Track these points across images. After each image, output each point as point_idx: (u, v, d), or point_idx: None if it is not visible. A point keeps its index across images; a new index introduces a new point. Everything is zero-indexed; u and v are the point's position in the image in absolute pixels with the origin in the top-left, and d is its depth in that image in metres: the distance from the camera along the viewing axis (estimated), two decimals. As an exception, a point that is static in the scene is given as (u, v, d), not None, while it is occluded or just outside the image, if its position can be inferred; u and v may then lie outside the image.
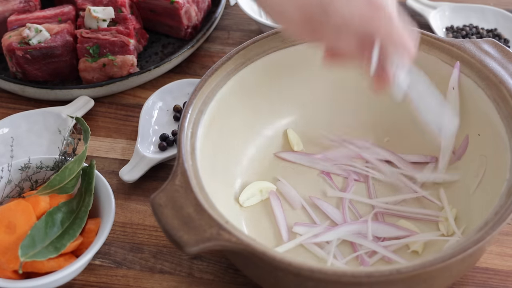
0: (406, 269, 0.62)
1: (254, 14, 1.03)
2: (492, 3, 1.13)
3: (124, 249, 0.80)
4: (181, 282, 0.77)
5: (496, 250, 0.79)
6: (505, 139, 0.74)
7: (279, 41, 0.84)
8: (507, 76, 0.77)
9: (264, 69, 0.84)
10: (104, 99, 0.99)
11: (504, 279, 0.76)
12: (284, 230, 0.78)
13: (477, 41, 0.81)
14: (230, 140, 0.83)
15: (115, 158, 0.91)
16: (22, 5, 1.01)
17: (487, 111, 0.78)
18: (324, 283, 0.64)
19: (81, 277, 0.77)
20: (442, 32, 1.07)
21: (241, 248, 0.64)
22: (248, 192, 0.81)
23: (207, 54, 1.06)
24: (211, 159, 0.77)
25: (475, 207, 0.76)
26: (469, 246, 0.63)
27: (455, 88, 0.80)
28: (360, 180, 0.84)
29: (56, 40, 0.96)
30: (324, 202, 0.81)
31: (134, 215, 0.84)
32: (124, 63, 0.96)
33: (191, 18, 1.04)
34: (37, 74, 0.97)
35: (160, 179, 0.87)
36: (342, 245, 0.77)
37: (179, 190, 0.68)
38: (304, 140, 0.88)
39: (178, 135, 0.74)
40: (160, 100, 0.95)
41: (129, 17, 0.99)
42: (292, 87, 0.87)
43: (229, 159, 0.82)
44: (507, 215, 0.66)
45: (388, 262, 0.74)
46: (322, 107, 0.89)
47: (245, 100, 0.84)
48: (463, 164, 0.81)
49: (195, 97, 0.77)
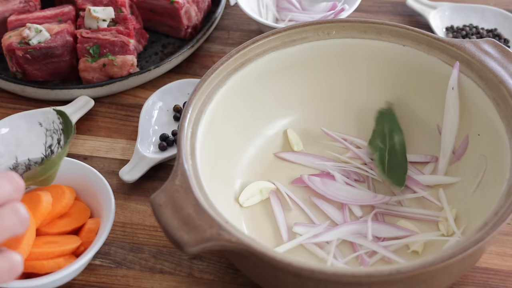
0: (406, 269, 0.62)
1: (254, 14, 1.03)
2: (492, 3, 1.13)
3: (124, 249, 0.80)
4: (181, 282, 0.77)
5: (496, 250, 0.79)
6: (505, 139, 0.74)
7: (279, 41, 0.84)
8: (507, 76, 0.77)
9: (264, 69, 0.84)
10: (104, 99, 0.99)
11: (504, 279, 0.76)
12: (284, 230, 0.78)
13: (477, 41, 0.81)
14: (230, 140, 0.83)
15: (115, 158, 0.91)
16: (22, 5, 1.01)
17: (487, 111, 0.78)
18: (324, 283, 0.64)
19: (81, 277, 0.77)
20: (442, 32, 1.07)
21: (241, 248, 0.64)
22: (248, 192, 0.81)
23: (207, 54, 1.06)
24: (211, 159, 0.77)
25: (475, 207, 0.76)
26: (469, 246, 0.63)
27: (455, 88, 0.80)
28: (360, 180, 0.84)
29: (56, 40, 0.96)
30: (324, 202, 0.81)
31: (134, 215, 0.84)
32: (124, 63, 0.96)
33: (191, 18, 1.04)
34: (37, 74, 0.97)
35: (160, 179, 0.87)
36: (342, 245, 0.77)
37: (179, 190, 0.68)
38: (304, 140, 0.88)
39: (178, 135, 0.74)
40: (160, 100, 0.95)
41: (129, 17, 0.99)
42: (292, 87, 0.87)
43: (229, 159, 0.82)
44: (507, 215, 0.66)
45: (388, 262, 0.74)
46: (322, 107, 0.89)
47: (245, 100, 0.84)
48: (463, 164, 0.81)
49: (195, 97, 0.77)
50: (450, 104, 0.81)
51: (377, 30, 0.85)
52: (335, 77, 0.88)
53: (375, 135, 0.85)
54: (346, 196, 0.81)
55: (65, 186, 0.79)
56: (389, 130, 0.84)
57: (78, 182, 0.80)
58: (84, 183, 0.80)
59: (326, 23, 0.85)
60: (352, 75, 0.88)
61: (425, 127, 0.86)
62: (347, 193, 0.81)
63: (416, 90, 0.86)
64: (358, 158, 0.85)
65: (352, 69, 0.87)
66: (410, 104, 0.87)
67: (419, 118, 0.86)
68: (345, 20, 0.85)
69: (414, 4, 1.10)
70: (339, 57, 0.86)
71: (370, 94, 0.88)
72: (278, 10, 1.08)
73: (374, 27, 0.85)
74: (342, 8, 1.02)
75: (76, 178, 0.80)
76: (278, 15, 1.08)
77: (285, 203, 0.81)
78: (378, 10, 1.13)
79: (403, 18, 1.12)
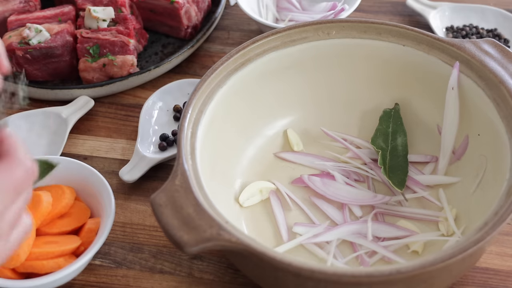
0: (406, 269, 0.62)
1: (254, 14, 1.03)
2: (492, 3, 1.13)
3: (124, 249, 0.80)
4: (181, 282, 0.77)
5: (496, 250, 0.79)
6: (505, 139, 0.74)
7: (279, 41, 0.84)
8: (507, 76, 0.77)
9: (264, 69, 0.84)
10: (104, 99, 0.99)
11: (504, 279, 0.76)
12: (284, 230, 0.78)
13: (477, 41, 0.81)
14: (230, 140, 0.83)
15: (115, 158, 0.91)
16: (22, 5, 1.01)
17: (487, 111, 0.77)
18: (324, 283, 0.64)
19: (81, 277, 0.77)
20: (442, 32, 1.07)
21: (241, 248, 0.64)
22: (248, 192, 0.81)
23: (207, 54, 1.06)
24: (211, 159, 0.77)
25: (475, 207, 0.76)
26: (469, 246, 0.63)
27: (455, 88, 0.80)
28: (360, 180, 0.84)
29: (56, 40, 0.96)
30: (324, 202, 0.81)
31: (134, 215, 0.84)
32: (124, 63, 0.96)
33: (191, 18, 1.04)
34: (37, 74, 0.97)
35: (160, 179, 0.87)
36: (342, 245, 0.77)
37: (179, 190, 0.67)
38: (304, 140, 0.88)
39: (178, 135, 0.74)
40: (160, 100, 0.95)
41: (129, 17, 0.99)
42: (292, 87, 0.87)
43: (229, 159, 0.82)
44: (507, 215, 0.66)
45: (388, 262, 0.74)
46: (322, 107, 0.89)
47: (245, 100, 0.84)
48: (463, 164, 0.81)
49: (195, 97, 0.77)
50: (450, 104, 0.81)
51: (377, 30, 0.85)
52: (335, 77, 0.88)
53: (377, 134, 0.85)
54: (346, 196, 0.81)
55: (65, 186, 0.79)
56: (393, 131, 0.84)
57: (78, 182, 0.80)
58: (84, 183, 0.80)
59: (326, 23, 0.85)
60: (352, 75, 0.88)
61: (425, 127, 0.86)
62: (347, 193, 0.81)
63: (416, 90, 0.86)
64: (358, 158, 0.85)
65: (352, 69, 0.87)
66: (410, 104, 0.87)
67: (419, 118, 0.86)
68: (345, 20, 0.85)
69: (414, 4, 1.10)
70: (339, 57, 0.86)
71: (370, 94, 0.88)
72: (278, 10, 1.08)
73: (374, 27, 0.85)
74: (342, 8, 1.02)
75: (76, 178, 0.80)
76: (278, 15, 1.08)
77: (285, 203, 0.81)
78: (378, 10, 1.13)
79: (403, 18, 1.12)
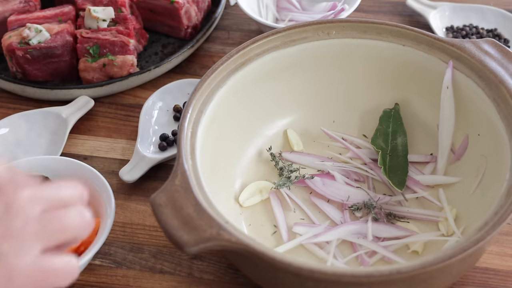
0: (406, 269, 0.62)
1: (254, 14, 1.03)
2: (492, 3, 1.13)
3: (124, 249, 0.80)
4: (181, 282, 0.77)
5: (496, 250, 0.79)
6: (505, 139, 0.74)
7: (279, 41, 0.84)
8: (507, 76, 0.77)
9: (264, 69, 0.84)
10: (104, 99, 0.99)
11: (504, 279, 0.76)
12: (284, 230, 0.78)
13: (477, 41, 0.81)
14: (230, 140, 0.83)
15: (115, 158, 0.91)
16: (22, 5, 1.01)
17: (487, 111, 0.77)
18: (324, 283, 0.64)
19: (81, 277, 0.77)
20: (442, 32, 1.07)
21: (241, 248, 0.64)
22: (248, 192, 0.81)
23: (207, 54, 1.06)
24: (211, 159, 0.77)
25: (475, 207, 0.76)
26: (469, 246, 0.63)
27: (450, 87, 0.80)
28: (360, 180, 0.84)
29: (56, 40, 0.96)
30: (324, 202, 0.81)
31: (134, 215, 0.84)
32: (124, 63, 0.96)
33: (191, 18, 1.04)
34: (37, 74, 0.97)
35: (160, 179, 0.87)
36: (342, 245, 0.77)
37: (179, 190, 0.67)
38: (304, 140, 0.88)
39: (178, 135, 0.74)
40: (160, 100, 0.95)
41: (129, 17, 0.99)
42: (292, 87, 0.87)
43: (229, 159, 0.82)
44: (507, 215, 0.66)
45: (388, 262, 0.74)
46: (322, 106, 0.89)
47: (245, 100, 0.84)
48: (463, 164, 0.81)
49: (195, 97, 0.77)
50: (446, 103, 0.81)
51: (377, 30, 0.85)
52: (335, 77, 0.88)
53: (377, 134, 0.85)
54: (346, 196, 0.81)
55: None
56: (393, 131, 0.85)
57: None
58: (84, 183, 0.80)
59: (326, 23, 0.85)
60: (352, 75, 0.88)
61: (425, 127, 0.86)
62: (347, 193, 0.81)
63: (416, 90, 0.86)
64: (358, 158, 0.85)
65: (352, 69, 0.87)
66: (410, 104, 0.87)
67: (419, 118, 0.86)
68: (345, 20, 0.85)
69: (414, 4, 1.10)
70: (339, 57, 0.86)
71: (370, 94, 0.88)
72: (278, 10, 1.09)
73: (374, 27, 0.85)
74: (342, 8, 1.02)
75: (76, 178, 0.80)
76: (278, 15, 1.08)
77: (285, 203, 0.81)
78: (378, 10, 1.13)
79: (403, 18, 1.12)
